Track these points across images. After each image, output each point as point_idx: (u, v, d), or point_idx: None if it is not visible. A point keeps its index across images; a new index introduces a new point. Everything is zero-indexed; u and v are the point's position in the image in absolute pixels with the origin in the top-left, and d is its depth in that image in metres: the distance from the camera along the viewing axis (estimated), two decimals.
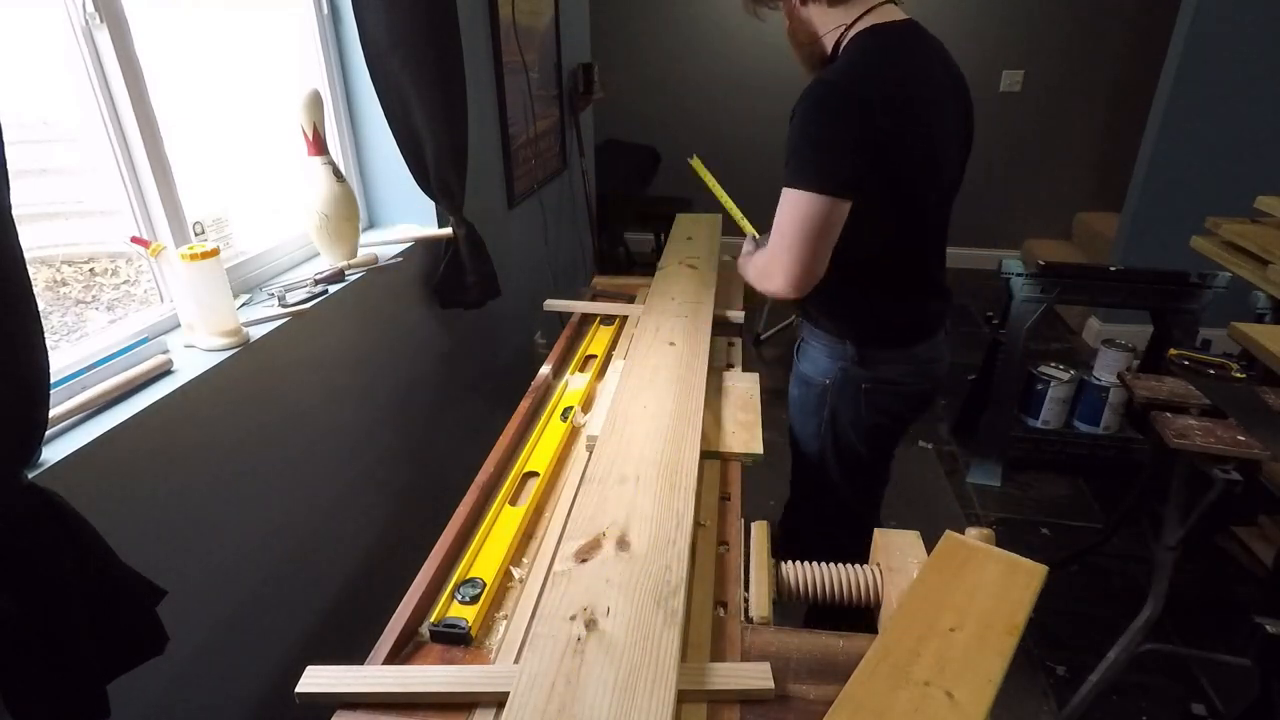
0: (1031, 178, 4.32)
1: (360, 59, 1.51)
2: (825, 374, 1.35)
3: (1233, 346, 1.73)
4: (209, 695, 1.16)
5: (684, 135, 4.50)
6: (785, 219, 1.13)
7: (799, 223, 1.12)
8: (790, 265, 1.14)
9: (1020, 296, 2.32)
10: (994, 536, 0.96)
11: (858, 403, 1.34)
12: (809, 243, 1.12)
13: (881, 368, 1.31)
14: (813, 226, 1.11)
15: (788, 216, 1.13)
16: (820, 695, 0.77)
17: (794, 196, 1.11)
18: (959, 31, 4.05)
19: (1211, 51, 2.85)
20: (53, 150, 1.13)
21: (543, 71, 2.53)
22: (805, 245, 1.12)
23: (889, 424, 1.37)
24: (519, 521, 1.05)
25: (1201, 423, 1.40)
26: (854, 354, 1.31)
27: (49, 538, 0.78)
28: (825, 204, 1.09)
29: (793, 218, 1.12)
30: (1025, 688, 1.72)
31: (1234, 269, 2.00)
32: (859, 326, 1.30)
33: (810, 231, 1.11)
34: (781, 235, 1.14)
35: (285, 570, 1.32)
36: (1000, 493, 2.45)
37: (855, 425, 1.36)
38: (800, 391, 1.42)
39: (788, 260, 1.14)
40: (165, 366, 1.07)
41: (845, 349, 1.32)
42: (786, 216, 1.13)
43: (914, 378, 1.33)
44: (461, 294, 1.83)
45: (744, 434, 1.24)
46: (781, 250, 1.14)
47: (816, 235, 1.11)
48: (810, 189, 1.09)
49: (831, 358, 1.34)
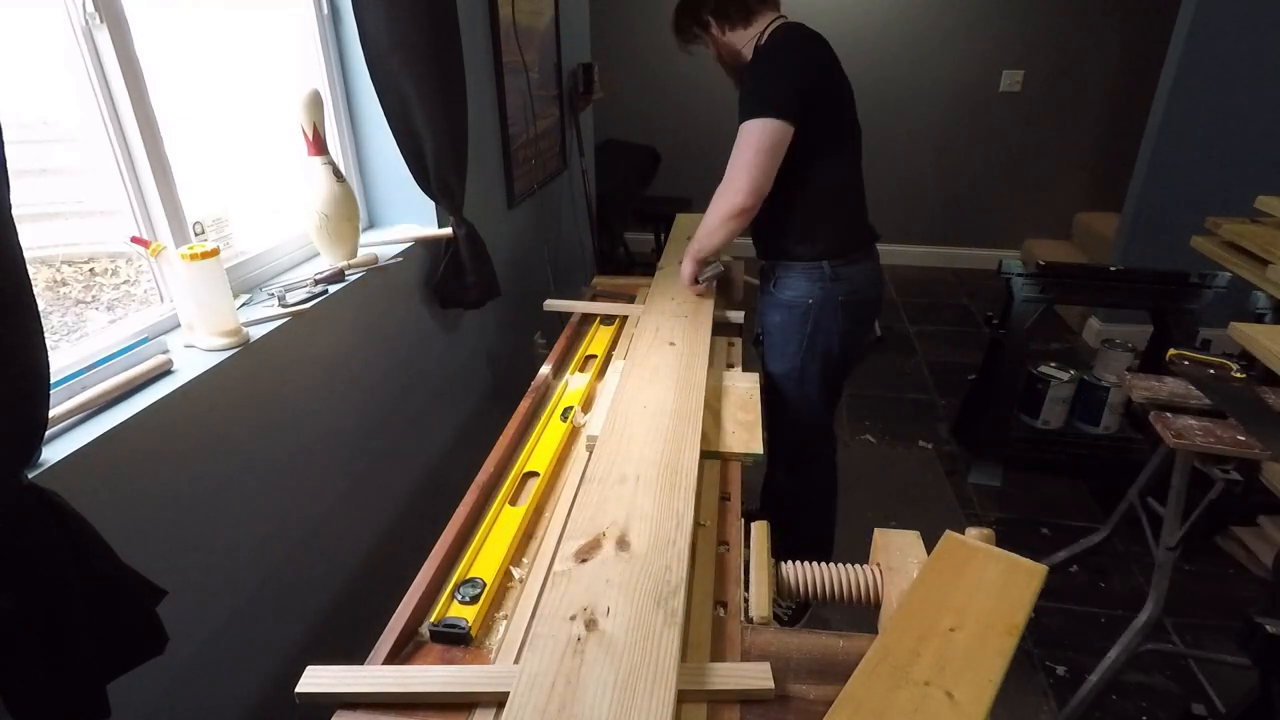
0: (1031, 178, 4.32)
1: (360, 59, 1.51)
2: (807, 295, 1.63)
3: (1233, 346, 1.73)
4: (209, 695, 1.15)
5: (684, 135, 4.50)
6: (744, 144, 1.44)
7: (755, 145, 1.43)
8: (750, 179, 1.45)
9: (1020, 296, 2.32)
10: (994, 536, 0.96)
11: (836, 313, 1.63)
12: (763, 160, 1.43)
13: (849, 281, 1.62)
14: (766, 146, 1.42)
15: (746, 142, 1.44)
16: (820, 695, 0.77)
17: (751, 125, 1.43)
18: (959, 31, 4.05)
19: (1211, 51, 2.85)
20: (53, 150, 1.13)
21: (543, 71, 2.53)
22: (760, 162, 1.43)
23: (856, 329, 1.69)
24: (519, 521, 1.05)
25: (1201, 423, 1.40)
26: (830, 272, 1.61)
27: (49, 538, 0.78)
28: (775, 126, 1.41)
29: (749, 142, 1.43)
30: (1025, 688, 1.72)
31: (1234, 269, 2.00)
32: (831, 246, 1.61)
33: (764, 150, 1.43)
34: (741, 156, 1.45)
35: (285, 570, 1.31)
36: (1000, 493, 2.45)
37: (834, 334, 1.65)
38: (783, 316, 1.68)
39: (746, 176, 1.45)
40: (165, 366, 1.07)
41: (823, 269, 1.61)
42: (745, 142, 1.44)
43: (871, 287, 1.68)
44: (461, 294, 1.83)
45: (744, 434, 1.24)
46: (741, 169, 1.45)
47: (768, 153, 1.43)
48: (763, 115, 1.42)
49: (810, 280, 1.62)
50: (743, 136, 1.44)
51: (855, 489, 2.40)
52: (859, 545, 1.08)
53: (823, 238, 1.60)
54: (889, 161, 4.36)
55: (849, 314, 1.65)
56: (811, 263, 1.62)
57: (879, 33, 4.11)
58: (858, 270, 1.64)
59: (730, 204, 1.48)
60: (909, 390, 3.15)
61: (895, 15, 4.08)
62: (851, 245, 1.64)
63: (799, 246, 1.61)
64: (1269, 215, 2.03)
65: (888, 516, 2.30)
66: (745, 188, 1.45)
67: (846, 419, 2.88)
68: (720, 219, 1.52)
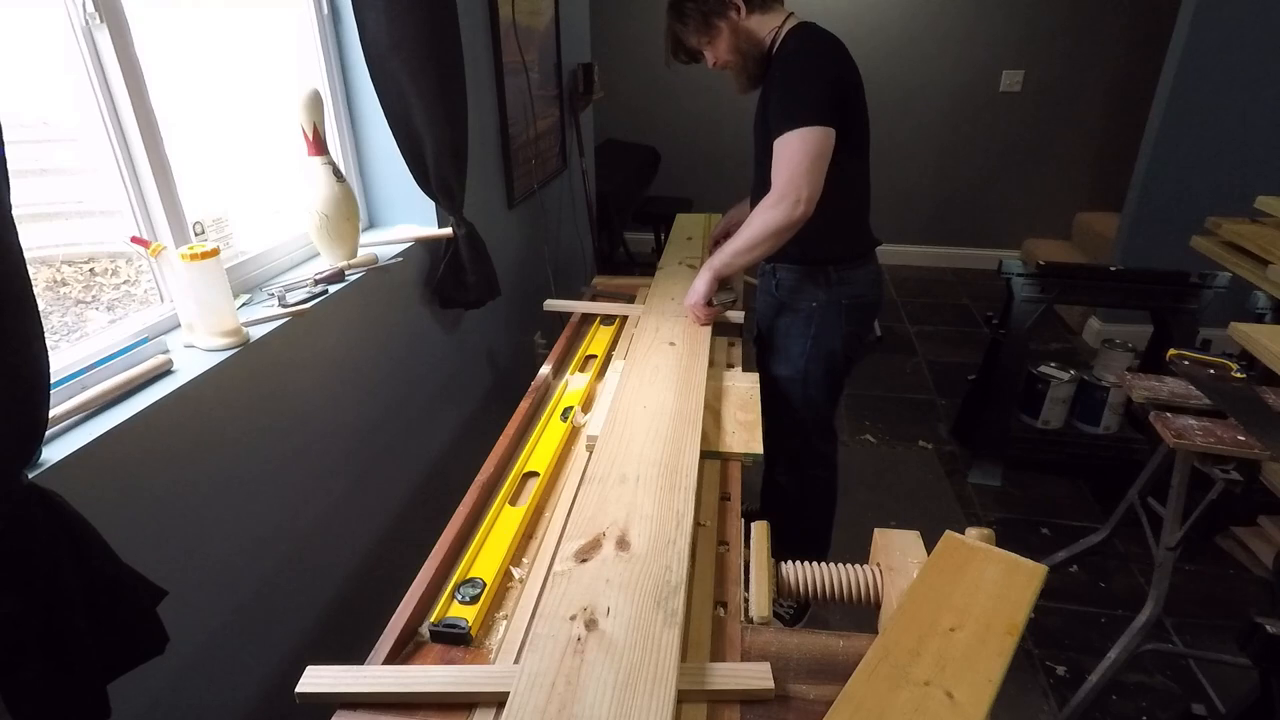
0: (1031, 178, 4.32)
1: (360, 59, 1.51)
2: (812, 298, 1.64)
3: (1233, 346, 1.73)
4: (209, 695, 1.15)
5: (684, 135, 4.50)
6: (795, 152, 1.40)
7: (809, 152, 1.39)
8: (810, 188, 1.40)
9: (1020, 296, 2.32)
10: (994, 536, 0.96)
11: (841, 317, 1.64)
12: (817, 167, 1.40)
13: (853, 285, 1.63)
14: (819, 153, 1.39)
15: (798, 149, 1.39)
16: (820, 695, 0.77)
17: (802, 133, 1.38)
18: (959, 31, 4.05)
19: (1211, 51, 2.85)
20: (53, 150, 1.13)
21: (543, 71, 2.53)
22: (816, 170, 1.40)
23: (860, 331, 1.70)
24: (519, 521, 1.05)
25: (1201, 423, 1.40)
26: (835, 276, 1.61)
27: (49, 538, 0.78)
28: (824, 133, 1.39)
29: (803, 149, 1.39)
30: (1025, 688, 1.72)
31: (1234, 269, 2.00)
32: (838, 251, 1.61)
33: (819, 157, 1.39)
34: (794, 165, 1.40)
35: (285, 570, 1.32)
36: (1000, 493, 2.45)
37: (838, 336, 1.66)
38: (788, 319, 1.69)
39: (805, 185, 1.40)
40: (165, 366, 1.07)
41: (829, 273, 1.61)
42: (796, 150, 1.39)
43: (874, 289, 1.68)
44: (461, 294, 1.83)
45: (744, 434, 1.24)
46: (799, 178, 1.40)
47: (822, 159, 1.40)
48: (812, 123, 1.38)
49: (816, 284, 1.63)
50: (791, 145, 1.39)
51: (855, 489, 2.40)
52: (859, 545, 1.08)
53: (832, 242, 1.59)
54: (889, 161, 4.35)
55: (853, 317, 1.65)
56: (817, 267, 1.61)
57: (879, 33, 4.11)
58: (861, 274, 1.64)
59: (787, 216, 1.42)
60: (909, 390, 3.15)
61: (895, 15, 4.08)
62: (858, 249, 1.64)
63: (808, 250, 1.59)
64: (1269, 215, 2.03)
65: (888, 516, 2.30)
66: (806, 197, 1.40)
67: (846, 419, 2.88)
68: (769, 231, 1.45)
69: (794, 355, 1.69)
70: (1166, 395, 1.50)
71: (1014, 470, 2.53)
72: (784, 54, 1.47)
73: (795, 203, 1.41)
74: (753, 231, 1.48)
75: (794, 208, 1.41)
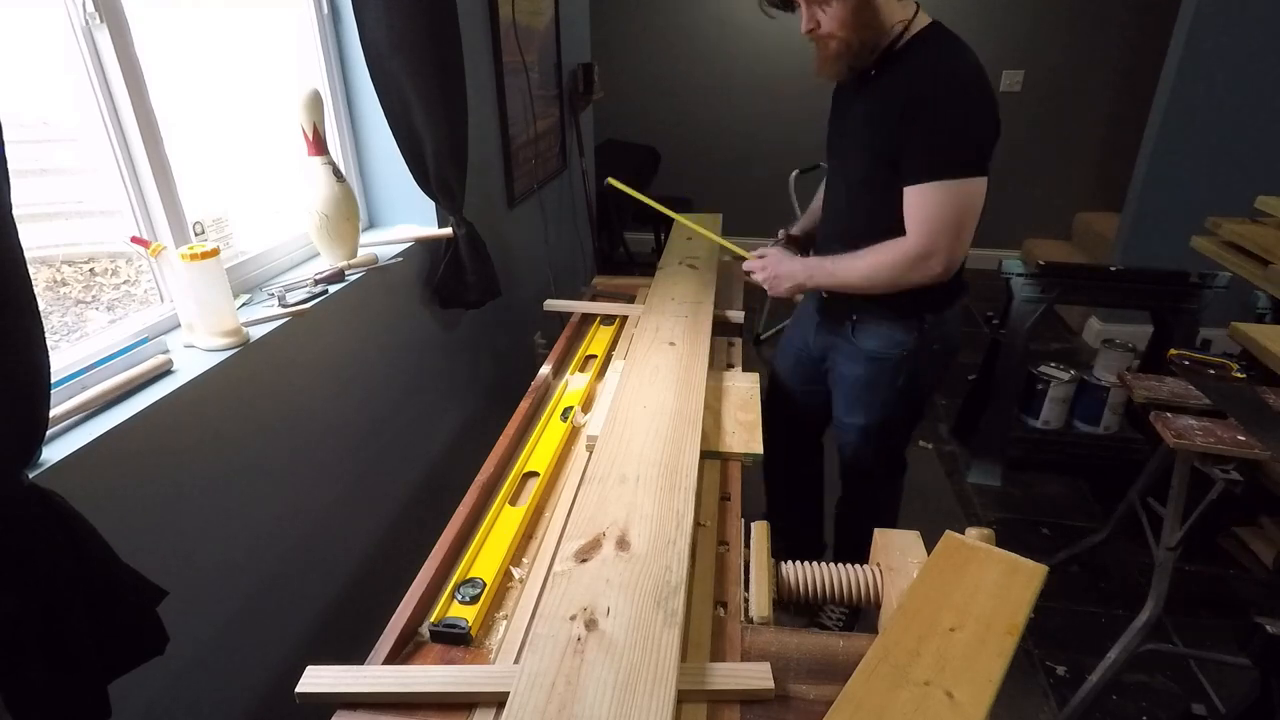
0: (1031, 178, 4.32)
1: (360, 59, 1.51)
2: (900, 345, 1.44)
3: (1233, 346, 1.73)
4: (209, 695, 1.15)
5: (684, 135, 4.49)
6: (948, 207, 1.20)
7: (963, 207, 1.20)
8: (957, 249, 1.23)
9: (1020, 296, 2.32)
10: (994, 536, 0.96)
11: (932, 363, 1.47)
12: (970, 226, 1.21)
13: (944, 328, 1.44)
14: (975, 207, 1.20)
15: (951, 205, 1.20)
16: (820, 695, 0.77)
17: (967, 185, 1.18)
18: (959, 31, 4.04)
19: (1212, 51, 2.84)
20: (53, 150, 1.13)
21: (543, 71, 2.53)
22: (968, 229, 1.21)
23: (944, 374, 1.53)
24: (519, 521, 1.05)
25: (1201, 423, 1.40)
26: (930, 320, 1.41)
27: (49, 538, 0.78)
28: (981, 186, 1.19)
29: (965, 205, 1.20)
30: (1025, 688, 1.72)
31: (1234, 269, 2.01)
32: (937, 299, 1.39)
33: (973, 213, 1.20)
34: (950, 217, 1.20)
35: (285, 570, 1.31)
36: (1000, 493, 2.45)
37: (928, 384, 1.50)
38: (867, 369, 1.48)
39: (955, 245, 1.22)
40: (165, 366, 1.07)
41: (921, 319, 1.41)
42: (950, 205, 1.20)
43: (958, 331, 1.49)
44: (461, 294, 1.83)
45: (744, 434, 1.24)
46: (951, 235, 1.21)
47: (975, 216, 1.21)
48: (972, 174, 1.18)
49: (906, 330, 1.42)
50: (953, 195, 1.19)
51: None
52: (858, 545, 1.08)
53: (935, 291, 1.35)
54: None
55: (942, 363, 1.49)
56: (907, 313, 1.41)
57: None
58: (951, 313, 1.45)
59: (928, 271, 1.25)
60: None
61: None
62: (955, 290, 1.42)
63: (905, 301, 1.37)
64: (1269, 215, 2.03)
65: None
66: (956, 257, 1.24)
67: None
68: (894, 282, 1.29)
69: (874, 405, 1.52)
70: (1166, 395, 1.50)
71: (1014, 470, 2.53)
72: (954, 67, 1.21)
73: (942, 262, 1.23)
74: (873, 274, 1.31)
75: (938, 265, 1.24)
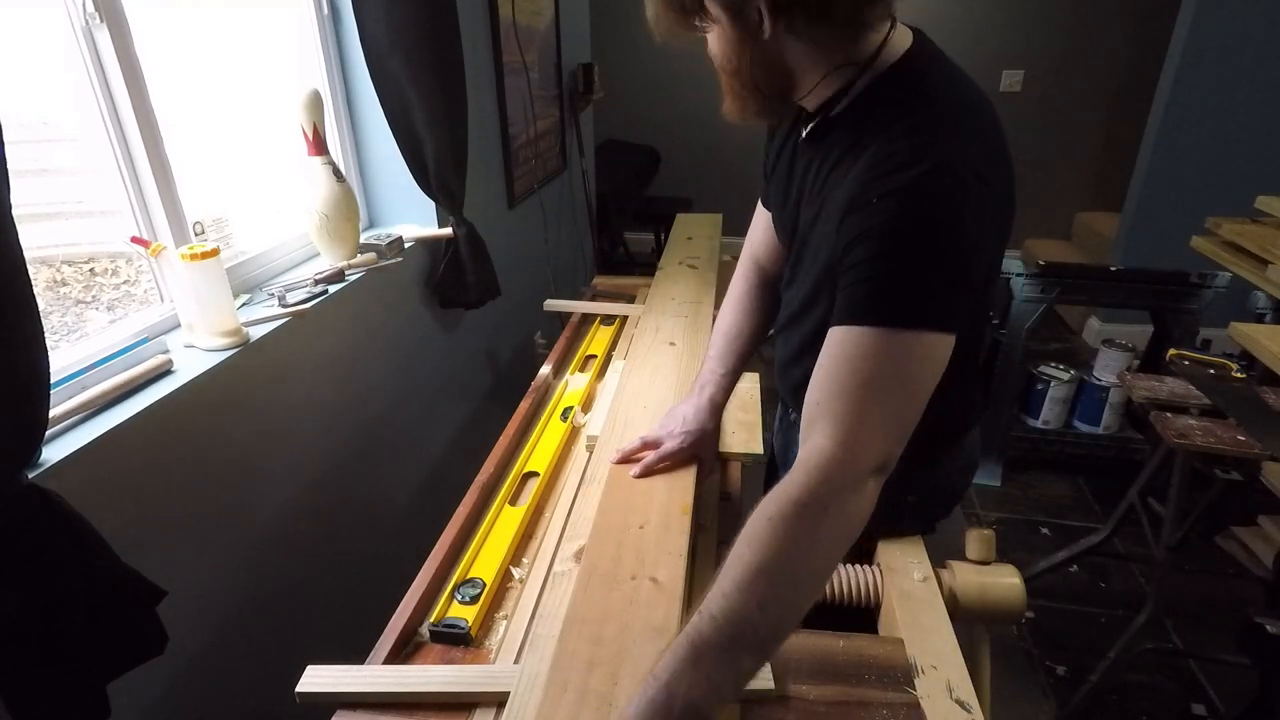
0: (1031, 178, 4.31)
1: (360, 59, 1.51)
2: None
3: (1233, 346, 1.73)
4: (209, 695, 1.15)
5: (684, 135, 4.49)
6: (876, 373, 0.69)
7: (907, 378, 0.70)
8: (894, 442, 0.70)
9: (1020, 296, 2.31)
10: (994, 537, 0.96)
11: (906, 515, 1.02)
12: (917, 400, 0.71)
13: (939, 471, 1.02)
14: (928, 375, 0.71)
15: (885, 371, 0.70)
16: (820, 695, 0.77)
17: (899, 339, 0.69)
18: (959, 31, 4.04)
19: (1212, 51, 2.84)
20: (53, 150, 1.13)
21: (543, 71, 2.53)
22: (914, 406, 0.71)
23: None
24: (519, 521, 1.05)
25: (1201, 423, 1.40)
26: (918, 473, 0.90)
27: (49, 538, 0.78)
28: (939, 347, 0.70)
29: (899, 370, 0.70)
30: (1025, 688, 1.72)
31: (1234, 269, 2.01)
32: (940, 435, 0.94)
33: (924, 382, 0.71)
34: (867, 398, 0.69)
35: (285, 570, 1.31)
36: (1000, 493, 2.45)
37: None
38: None
39: (882, 438, 0.69)
40: (165, 366, 1.07)
41: None
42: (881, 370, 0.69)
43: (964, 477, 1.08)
44: (461, 294, 1.83)
45: (744, 434, 1.24)
46: (872, 426, 0.69)
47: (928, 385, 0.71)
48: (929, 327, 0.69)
49: None
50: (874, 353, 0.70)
51: None
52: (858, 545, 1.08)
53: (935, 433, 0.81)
54: None
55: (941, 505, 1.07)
56: None
57: None
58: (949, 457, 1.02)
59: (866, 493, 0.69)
60: None
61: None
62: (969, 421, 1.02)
63: None
64: (1269, 215, 2.03)
65: None
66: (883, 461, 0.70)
67: None
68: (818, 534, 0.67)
69: None
70: (1166, 395, 1.50)
71: (1014, 470, 2.53)
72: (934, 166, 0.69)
73: (857, 477, 0.68)
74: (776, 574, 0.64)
75: (853, 488, 0.68)
